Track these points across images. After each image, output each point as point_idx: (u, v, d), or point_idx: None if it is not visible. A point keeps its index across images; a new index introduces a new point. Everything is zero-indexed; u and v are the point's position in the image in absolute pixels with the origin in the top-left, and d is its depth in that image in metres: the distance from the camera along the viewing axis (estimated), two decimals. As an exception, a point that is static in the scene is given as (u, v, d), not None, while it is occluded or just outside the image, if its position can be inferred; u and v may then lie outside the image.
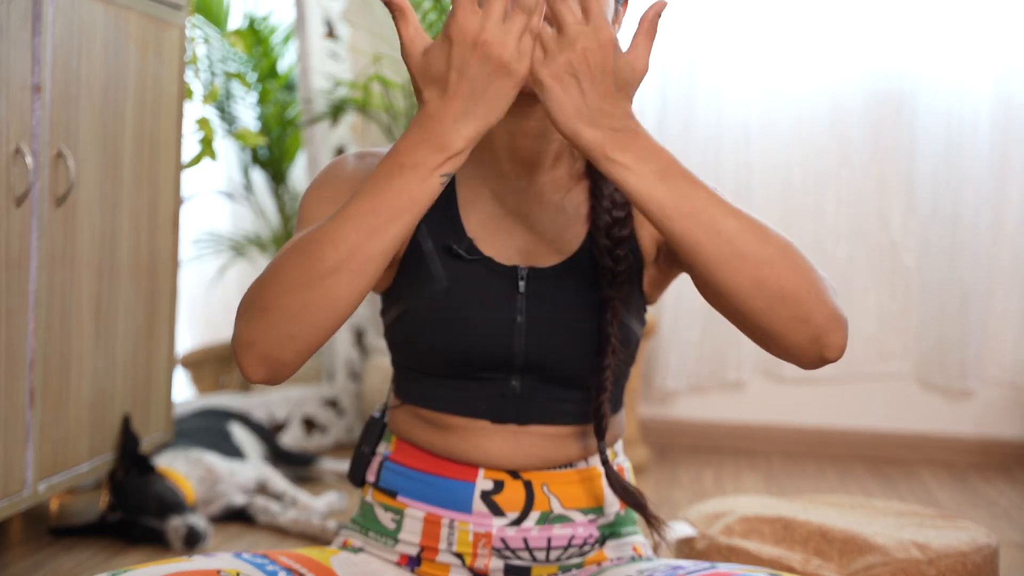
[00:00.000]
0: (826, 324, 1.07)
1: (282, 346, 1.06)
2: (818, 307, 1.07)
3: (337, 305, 1.05)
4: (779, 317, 1.07)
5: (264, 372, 1.08)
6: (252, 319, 1.07)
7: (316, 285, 1.04)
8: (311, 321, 1.05)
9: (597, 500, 1.28)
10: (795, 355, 1.10)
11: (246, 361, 1.08)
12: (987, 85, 3.31)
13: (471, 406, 1.24)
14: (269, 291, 1.07)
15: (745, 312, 1.07)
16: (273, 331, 1.06)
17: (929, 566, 1.77)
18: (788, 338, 1.08)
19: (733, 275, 1.06)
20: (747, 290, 1.06)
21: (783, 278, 1.06)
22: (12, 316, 1.92)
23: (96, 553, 2.22)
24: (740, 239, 1.05)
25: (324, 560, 1.23)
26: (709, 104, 3.39)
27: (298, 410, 3.19)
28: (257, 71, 3.47)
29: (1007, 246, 3.37)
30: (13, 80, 1.88)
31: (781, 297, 1.06)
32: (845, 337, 1.09)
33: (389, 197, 1.04)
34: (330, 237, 1.05)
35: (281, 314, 1.05)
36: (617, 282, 1.22)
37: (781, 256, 1.07)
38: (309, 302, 1.05)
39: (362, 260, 1.04)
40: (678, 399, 3.53)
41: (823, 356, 1.09)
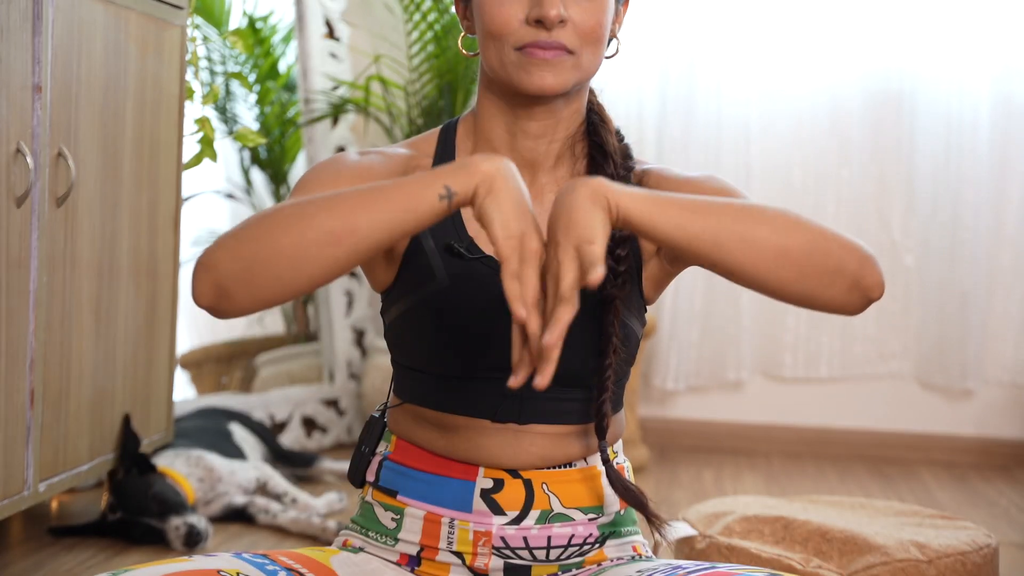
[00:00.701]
0: (859, 268, 1.09)
1: (236, 281, 1.05)
2: (844, 252, 1.08)
3: (304, 265, 1.04)
4: (813, 277, 1.08)
5: (211, 299, 1.07)
6: (221, 244, 1.07)
7: (295, 236, 1.04)
8: (273, 269, 1.05)
9: (597, 499, 1.28)
10: (840, 306, 1.11)
11: (198, 280, 1.07)
12: (987, 85, 3.31)
13: (471, 406, 1.24)
14: (251, 226, 1.06)
15: (781, 285, 1.08)
16: (234, 263, 1.05)
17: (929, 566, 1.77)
18: (828, 293, 1.09)
19: (759, 254, 1.06)
20: (776, 264, 1.07)
21: (800, 238, 1.07)
22: (12, 316, 1.92)
23: (96, 553, 2.22)
24: (748, 219, 1.07)
25: (324, 560, 1.23)
26: (709, 104, 3.39)
27: (298, 410, 3.19)
28: (257, 71, 3.47)
29: (1007, 246, 3.38)
30: (13, 80, 1.88)
31: (807, 256, 1.07)
32: (880, 272, 1.11)
33: (398, 186, 1.05)
34: (331, 200, 1.05)
35: (249, 250, 1.05)
36: (618, 282, 1.22)
37: (788, 220, 1.08)
38: (280, 250, 1.04)
39: (346, 229, 1.04)
40: (678, 399, 3.53)
41: (868, 297, 1.11)
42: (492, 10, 1.18)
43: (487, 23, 1.19)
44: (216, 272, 1.06)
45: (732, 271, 1.08)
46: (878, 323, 3.43)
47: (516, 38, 1.17)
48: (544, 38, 1.16)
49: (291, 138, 3.52)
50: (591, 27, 1.18)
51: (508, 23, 1.17)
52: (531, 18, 1.16)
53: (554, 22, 1.16)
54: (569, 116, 1.25)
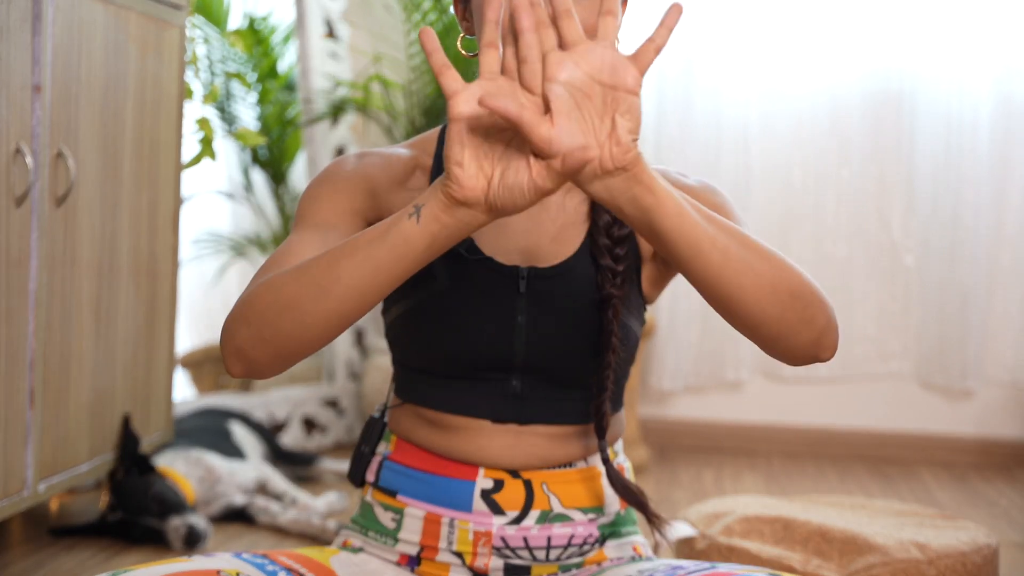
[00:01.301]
0: (826, 326, 1.10)
1: (254, 348, 1.08)
2: (820, 310, 1.09)
3: (305, 320, 1.05)
4: (789, 320, 1.08)
5: (241, 368, 1.10)
6: (234, 315, 1.10)
7: (290, 294, 1.05)
8: (280, 329, 1.06)
9: (597, 499, 1.28)
10: (795, 355, 1.11)
11: (224, 353, 1.11)
12: (987, 85, 3.31)
13: (472, 406, 1.24)
14: (255, 292, 1.08)
15: (762, 319, 1.08)
16: (247, 331, 1.08)
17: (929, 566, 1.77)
18: (793, 339, 1.09)
19: (755, 283, 1.05)
20: (766, 296, 1.06)
21: (791, 279, 1.07)
22: (12, 316, 1.92)
23: (96, 553, 2.22)
24: (751, 246, 1.06)
25: (324, 560, 1.23)
26: (708, 104, 3.39)
27: (298, 410, 3.19)
28: (257, 71, 3.47)
29: (1007, 246, 3.37)
30: (13, 80, 1.88)
31: (792, 298, 1.07)
32: (837, 338, 1.12)
33: (378, 225, 1.03)
34: (318, 257, 1.05)
35: (256, 316, 1.07)
36: (617, 281, 1.22)
37: (782, 260, 1.08)
38: (281, 310, 1.05)
39: (331, 278, 1.03)
40: (677, 399, 3.53)
41: (818, 356, 1.12)
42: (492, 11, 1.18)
43: None
44: (235, 340, 1.09)
45: (724, 289, 1.05)
46: (878, 323, 3.43)
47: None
48: None
49: (291, 138, 3.52)
50: (590, 26, 1.18)
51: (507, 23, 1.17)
52: None
53: None
54: (568, 116, 1.25)
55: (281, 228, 3.52)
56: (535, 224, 1.25)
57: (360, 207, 1.22)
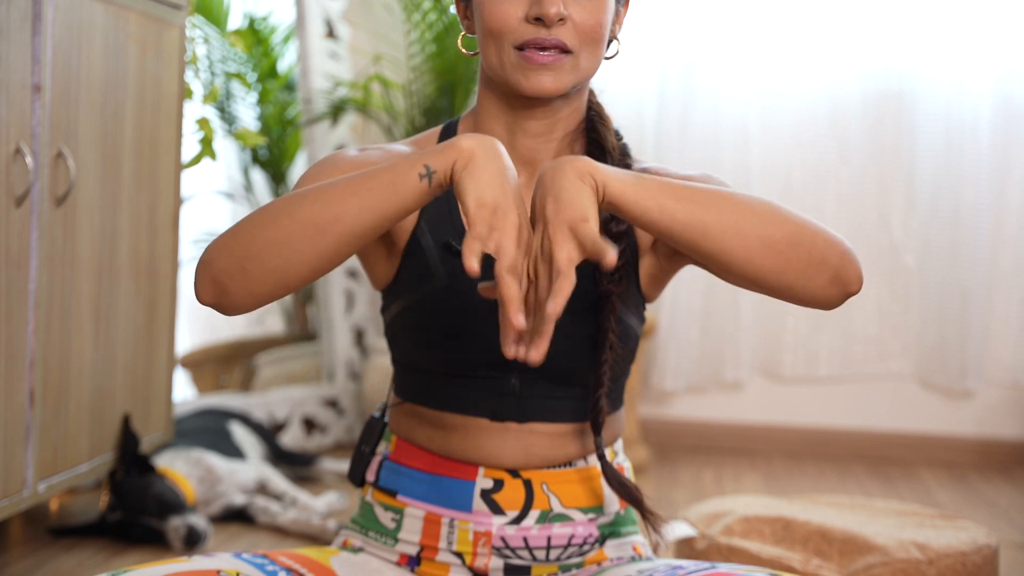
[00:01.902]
0: (840, 261, 1.10)
1: (231, 277, 1.07)
2: (827, 246, 1.10)
3: (293, 256, 1.06)
4: (796, 268, 1.08)
5: (212, 295, 1.09)
6: (217, 243, 1.09)
7: (282, 228, 1.06)
8: (264, 262, 1.06)
9: (597, 499, 1.28)
10: (819, 299, 1.12)
11: (199, 277, 1.09)
12: (987, 85, 3.31)
13: (471, 404, 1.24)
14: (245, 224, 1.08)
15: (763, 275, 1.09)
16: (228, 259, 1.07)
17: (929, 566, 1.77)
18: (810, 284, 1.10)
19: (744, 242, 1.07)
20: (761, 253, 1.07)
21: (785, 228, 1.08)
22: (12, 316, 1.92)
23: (96, 553, 2.22)
24: (735, 207, 1.07)
25: (324, 560, 1.23)
26: (708, 104, 3.39)
27: (298, 410, 3.19)
28: (257, 71, 3.47)
29: (1007, 246, 3.37)
30: (13, 80, 1.88)
31: (792, 247, 1.07)
32: (859, 266, 1.12)
33: (381, 171, 1.06)
34: (317, 190, 1.07)
35: (240, 245, 1.07)
36: (615, 278, 1.22)
37: (774, 211, 1.09)
38: (269, 242, 1.06)
39: (329, 217, 1.05)
40: (677, 399, 3.53)
41: (847, 291, 1.12)
42: (492, 8, 1.18)
43: (487, 21, 1.19)
44: (213, 269, 1.08)
45: (716, 258, 1.08)
46: (878, 323, 3.43)
47: (515, 36, 1.17)
48: (544, 35, 1.16)
49: (291, 138, 3.51)
50: (591, 26, 1.18)
51: (508, 21, 1.17)
52: (531, 16, 1.17)
53: (553, 20, 1.16)
54: (568, 115, 1.25)
55: (281, 228, 3.52)
56: (534, 222, 1.25)
57: None
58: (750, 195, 1.09)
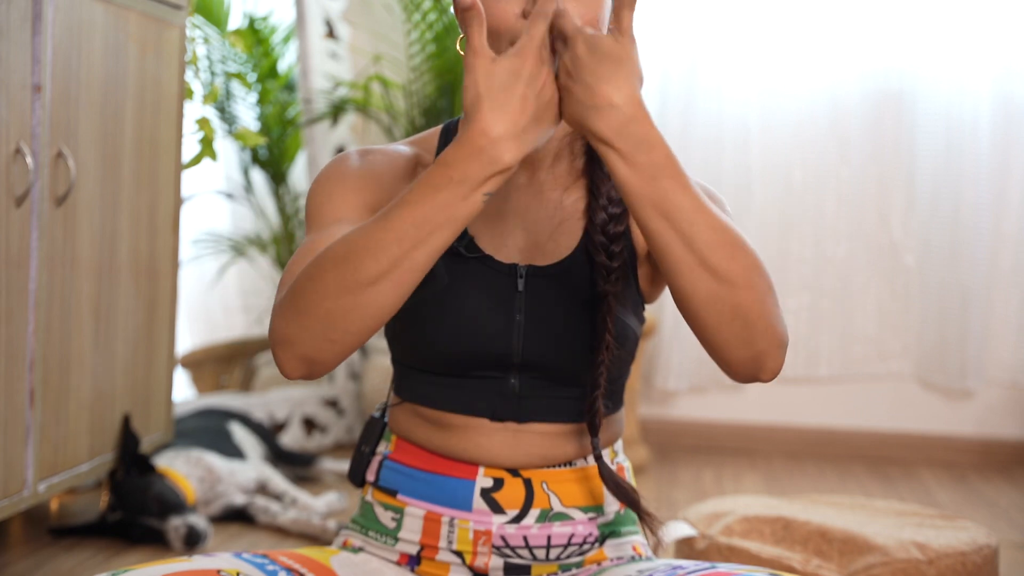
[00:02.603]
0: (767, 349, 1.10)
1: (320, 349, 1.08)
2: (764, 332, 1.09)
3: (376, 313, 1.06)
4: (725, 333, 1.08)
5: (303, 371, 1.10)
6: (290, 320, 1.08)
7: (356, 293, 1.05)
8: (349, 327, 1.06)
9: (597, 499, 1.28)
10: (732, 369, 1.13)
11: (284, 359, 1.09)
12: (987, 85, 3.31)
13: (470, 404, 1.24)
14: (308, 294, 1.07)
15: (696, 320, 1.10)
16: (311, 334, 1.07)
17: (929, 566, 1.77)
18: (729, 353, 1.10)
19: (692, 284, 1.07)
20: (702, 302, 1.07)
21: (738, 298, 1.07)
22: (12, 316, 1.92)
23: (96, 553, 2.22)
24: (708, 252, 1.06)
25: (324, 560, 1.23)
26: (709, 104, 3.39)
27: (298, 410, 3.19)
28: (257, 71, 3.47)
29: (1007, 246, 3.37)
30: (13, 80, 1.88)
31: (731, 316, 1.07)
32: (781, 363, 1.12)
33: (433, 211, 1.03)
34: (372, 248, 1.05)
35: (319, 319, 1.06)
36: (612, 279, 1.22)
37: (743, 276, 1.07)
38: (348, 309, 1.06)
39: (403, 271, 1.05)
40: (678, 399, 3.53)
41: (757, 376, 1.12)
42: (489, 7, 1.18)
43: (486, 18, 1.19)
44: (297, 348, 1.08)
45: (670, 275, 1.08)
46: (878, 323, 3.43)
47: (512, 33, 1.17)
48: None
49: (291, 138, 3.51)
50: (587, 21, 1.18)
51: (505, 18, 1.17)
52: (527, 11, 1.16)
53: None
54: (567, 114, 1.25)
55: (281, 228, 3.52)
56: (533, 222, 1.25)
57: (371, 202, 1.22)
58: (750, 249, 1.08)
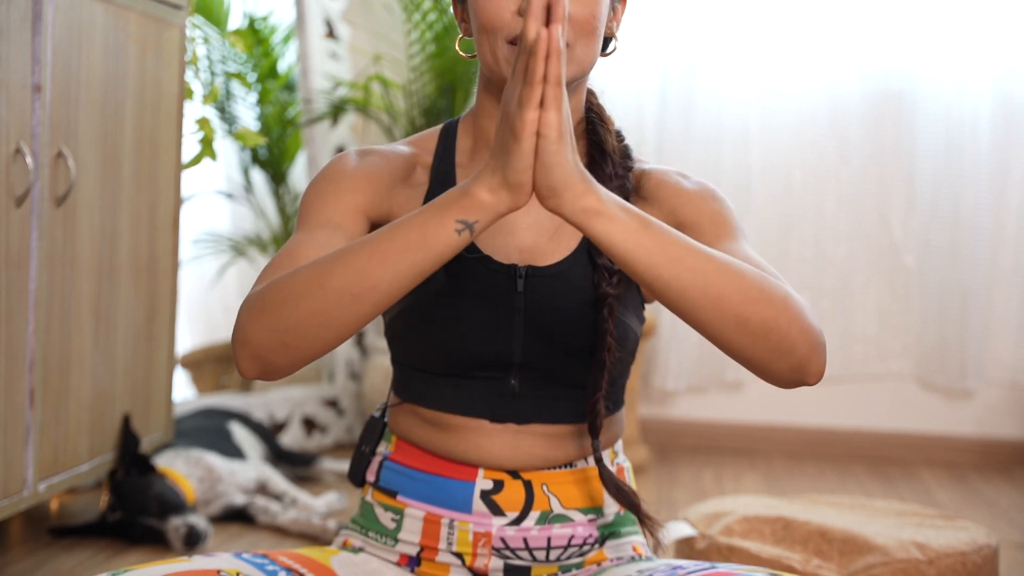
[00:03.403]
0: (808, 353, 1.10)
1: (274, 351, 1.08)
2: (800, 337, 1.09)
3: (333, 325, 1.06)
4: (763, 350, 1.09)
5: (256, 370, 1.10)
6: (253, 320, 1.08)
7: (317, 301, 1.05)
8: (305, 334, 1.06)
9: (596, 500, 1.28)
10: (776, 380, 1.13)
11: (240, 356, 1.10)
12: (987, 85, 3.31)
13: (470, 405, 1.24)
14: (272, 296, 1.07)
15: (730, 346, 1.10)
16: (266, 335, 1.07)
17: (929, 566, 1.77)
18: (771, 366, 1.11)
19: (719, 315, 1.07)
20: (732, 328, 1.08)
21: (764, 313, 1.07)
22: (12, 316, 1.92)
23: (96, 553, 2.22)
24: (722, 280, 1.06)
25: (324, 560, 1.23)
26: (709, 104, 3.39)
27: (298, 410, 3.19)
28: (257, 71, 3.47)
29: (1007, 246, 3.37)
30: (13, 80, 1.88)
31: (764, 332, 1.08)
32: (824, 362, 1.12)
33: (406, 230, 1.04)
34: (343, 258, 1.05)
35: (277, 321, 1.07)
36: (614, 280, 1.22)
37: (760, 291, 1.07)
38: (306, 316, 1.06)
39: (366, 286, 1.04)
40: (678, 399, 3.53)
41: (803, 381, 1.12)
42: (484, 4, 1.18)
43: (480, 18, 1.19)
44: (252, 347, 1.08)
45: (687, 318, 1.08)
46: (878, 323, 3.43)
47: (509, 31, 1.17)
48: None
49: (291, 138, 3.51)
50: (584, 18, 1.18)
51: (500, 16, 1.17)
52: (521, 10, 1.16)
53: None
54: (566, 114, 1.25)
55: (281, 228, 3.52)
56: (533, 223, 1.25)
57: (364, 206, 1.22)
58: (746, 267, 1.08)
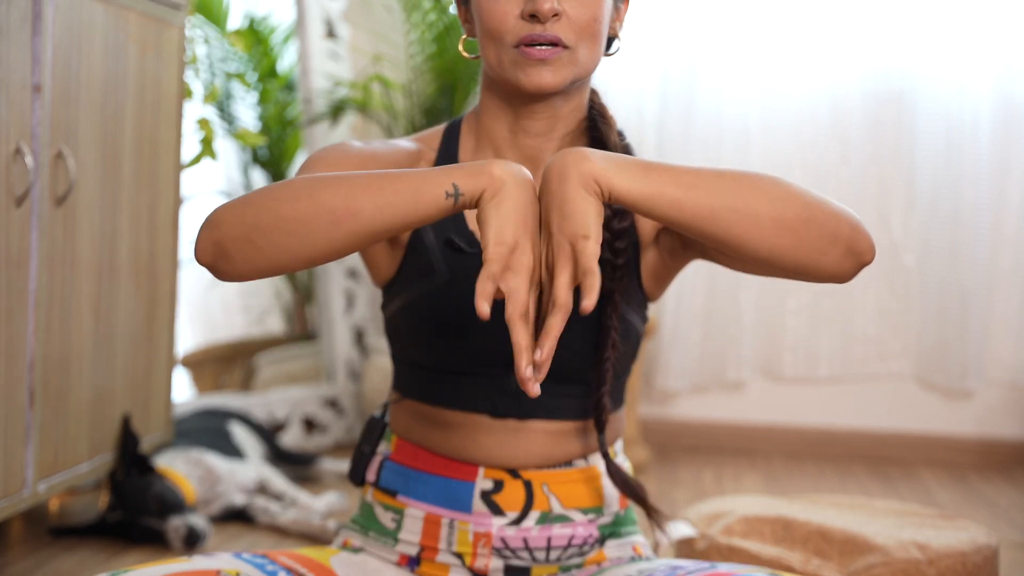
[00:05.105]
0: (852, 233, 1.09)
1: (236, 244, 1.05)
2: (838, 219, 1.08)
3: (304, 238, 1.04)
4: (810, 246, 1.07)
5: (210, 257, 1.07)
6: (229, 204, 1.07)
7: (299, 208, 1.04)
8: (272, 238, 1.05)
9: (597, 500, 1.28)
10: (834, 273, 1.10)
11: (201, 238, 1.07)
12: (987, 85, 3.31)
13: (471, 401, 1.24)
14: (260, 192, 1.07)
15: (777, 255, 1.08)
16: (237, 225, 1.05)
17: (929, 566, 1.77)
18: (823, 259, 1.08)
19: (756, 225, 1.06)
20: (773, 234, 1.06)
21: (795, 208, 1.06)
22: (12, 316, 1.92)
23: (96, 553, 2.22)
24: (744, 191, 1.06)
25: (324, 560, 1.23)
26: (709, 104, 3.39)
27: (298, 410, 3.19)
28: (257, 71, 3.47)
29: (1007, 246, 3.37)
30: (13, 80, 1.88)
31: (804, 226, 1.06)
32: (870, 237, 1.10)
33: (409, 177, 1.04)
34: (342, 178, 1.05)
35: (253, 215, 1.05)
36: (617, 275, 1.22)
37: (782, 189, 1.07)
38: (282, 219, 1.04)
39: (351, 210, 1.03)
40: (679, 399, 3.53)
41: (861, 262, 1.10)
42: (489, 8, 1.19)
43: (485, 21, 1.19)
44: (218, 231, 1.06)
45: (728, 243, 1.07)
46: (878, 323, 3.43)
47: (513, 34, 1.18)
48: (539, 32, 1.17)
49: (291, 138, 3.52)
50: (586, 21, 1.18)
51: (504, 20, 1.18)
52: (525, 13, 1.17)
53: (548, 16, 1.16)
54: (569, 114, 1.26)
55: (281, 228, 3.52)
56: (535, 219, 1.25)
57: None
58: (758, 174, 1.08)
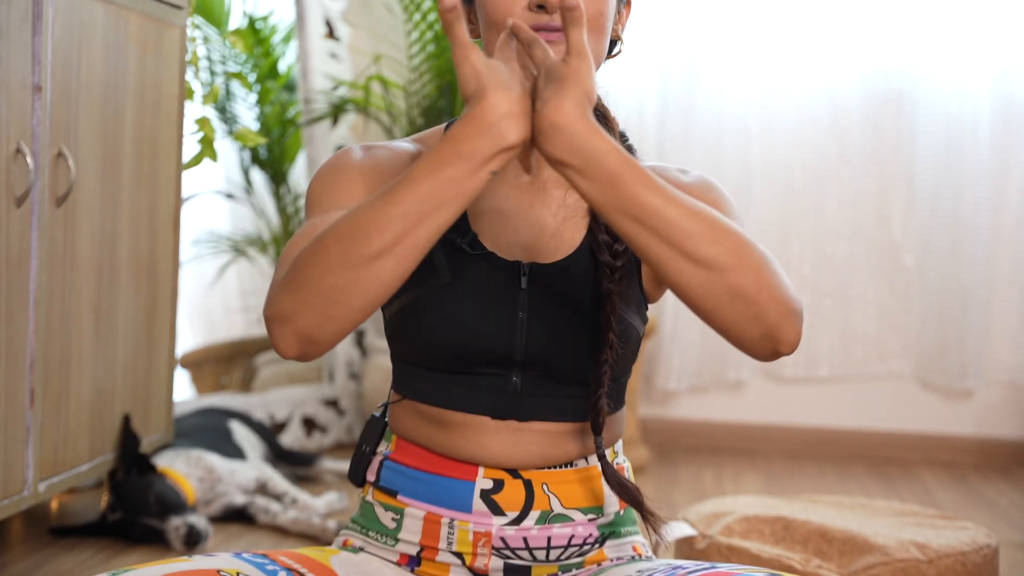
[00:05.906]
0: (779, 321, 1.09)
1: (319, 326, 1.06)
2: (770, 305, 1.08)
3: (378, 289, 1.05)
4: (729, 315, 1.08)
5: (298, 348, 1.08)
6: (289, 295, 1.07)
7: (359, 268, 1.04)
8: (351, 303, 1.05)
9: (597, 500, 1.28)
10: (748, 349, 1.12)
11: (280, 335, 1.08)
12: (987, 85, 3.31)
13: (471, 402, 1.23)
14: (310, 269, 1.06)
15: (698, 310, 1.10)
16: (312, 309, 1.06)
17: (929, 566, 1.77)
18: (741, 333, 1.10)
19: (681, 277, 1.07)
20: (696, 291, 1.07)
21: (731, 280, 1.06)
22: (12, 316, 1.92)
23: (96, 553, 2.22)
24: (687, 242, 1.05)
25: (324, 560, 1.23)
26: (710, 104, 3.39)
27: (298, 410, 3.19)
28: (257, 71, 3.47)
29: (1007, 246, 3.38)
30: (13, 80, 1.88)
31: (730, 299, 1.07)
32: (798, 332, 1.11)
33: (439, 186, 1.03)
34: (376, 222, 1.04)
35: (320, 295, 1.05)
36: (616, 277, 1.22)
37: (732, 257, 1.06)
38: (350, 284, 1.05)
39: (407, 247, 1.04)
40: (678, 399, 3.53)
41: (776, 351, 1.11)
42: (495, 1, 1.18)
43: (489, 13, 1.19)
44: (295, 323, 1.07)
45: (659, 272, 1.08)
46: (878, 323, 3.43)
47: None
48: (546, 21, 1.17)
49: (291, 138, 3.51)
50: (592, 14, 1.18)
51: (510, 10, 1.17)
52: (532, 3, 1.17)
53: (556, 5, 1.16)
54: (571, 113, 1.25)
55: (281, 228, 3.52)
56: (537, 220, 1.25)
57: None
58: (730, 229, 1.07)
